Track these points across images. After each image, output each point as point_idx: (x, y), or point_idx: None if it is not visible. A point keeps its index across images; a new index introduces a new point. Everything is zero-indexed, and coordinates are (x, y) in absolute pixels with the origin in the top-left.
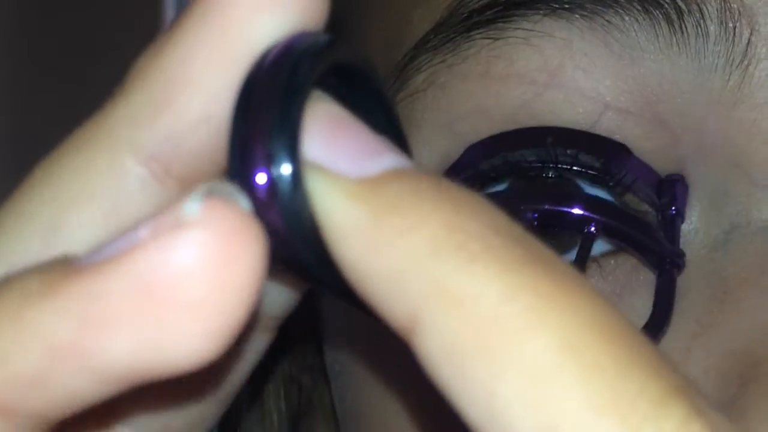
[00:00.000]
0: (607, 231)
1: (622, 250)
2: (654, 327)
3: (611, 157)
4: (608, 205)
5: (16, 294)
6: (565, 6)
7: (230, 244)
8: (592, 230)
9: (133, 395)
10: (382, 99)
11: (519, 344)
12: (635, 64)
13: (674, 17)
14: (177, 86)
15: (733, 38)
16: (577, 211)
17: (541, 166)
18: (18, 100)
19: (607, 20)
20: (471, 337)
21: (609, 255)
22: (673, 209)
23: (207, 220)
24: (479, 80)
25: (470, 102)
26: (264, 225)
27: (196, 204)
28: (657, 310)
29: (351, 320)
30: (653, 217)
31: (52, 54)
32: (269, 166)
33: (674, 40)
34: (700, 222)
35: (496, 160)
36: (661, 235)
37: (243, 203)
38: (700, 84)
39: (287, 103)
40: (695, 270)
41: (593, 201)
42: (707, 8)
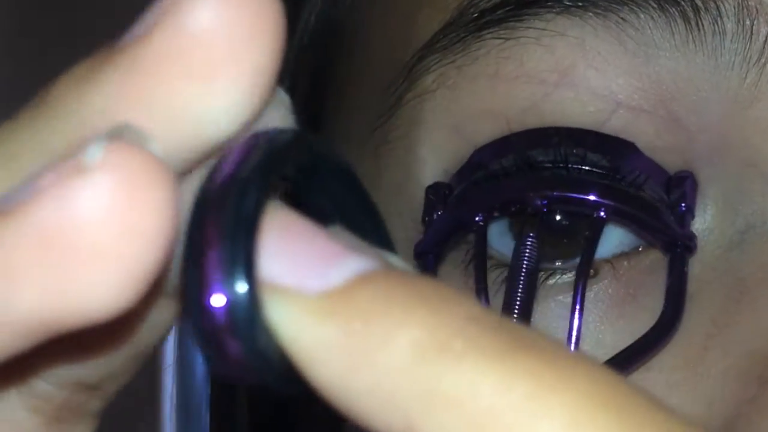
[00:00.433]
0: (617, 215)
1: (635, 252)
2: (668, 313)
3: (618, 155)
4: (618, 190)
5: None
6: (578, 4)
7: (135, 189)
8: (602, 215)
9: (46, 348)
10: (355, 188)
11: None
12: (650, 62)
13: (691, 14)
14: None
15: (751, 36)
16: (587, 197)
17: (552, 166)
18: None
19: (622, 18)
20: None
21: (622, 256)
22: (683, 206)
23: (110, 164)
24: (488, 81)
25: (479, 103)
26: (222, 352)
27: (99, 148)
28: (670, 296)
29: None
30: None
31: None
32: (226, 291)
33: (690, 38)
34: (715, 221)
35: (506, 161)
36: (672, 220)
37: (153, 147)
38: (717, 82)
39: (238, 231)
40: (710, 270)
41: (603, 186)
42: (724, 6)
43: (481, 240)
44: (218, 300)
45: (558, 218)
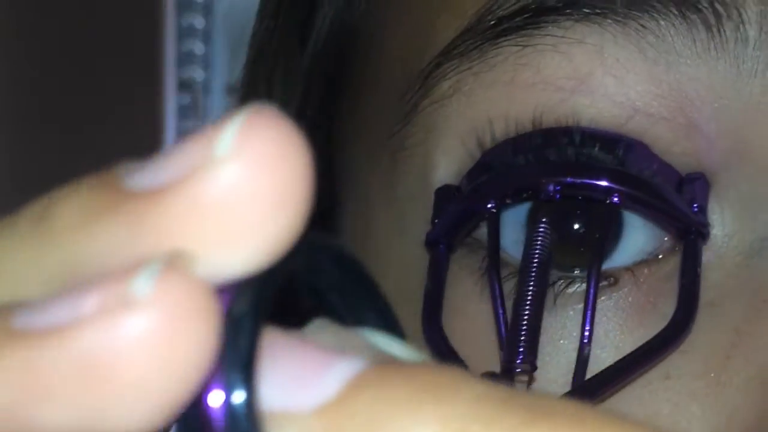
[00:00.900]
0: (630, 200)
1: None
2: (684, 300)
3: (629, 154)
4: (630, 176)
5: None
6: (597, 11)
7: (181, 325)
8: (615, 200)
9: None
10: (354, 269)
11: None
12: (670, 70)
13: (712, 21)
14: None
15: None
16: (600, 182)
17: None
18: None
19: (642, 25)
20: None
21: (642, 264)
22: (695, 206)
23: (160, 300)
24: (505, 88)
25: (494, 110)
26: None
27: (149, 280)
28: (683, 288)
29: None
30: None
31: (52, 54)
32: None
33: (712, 45)
34: (734, 228)
35: (517, 160)
36: (685, 205)
37: (197, 270)
38: (738, 89)
39: (233, 372)
40: (732, 278)
41: (617, 173)
42: (747, 12)
43: (494, 228)
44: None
45: (576, 227)
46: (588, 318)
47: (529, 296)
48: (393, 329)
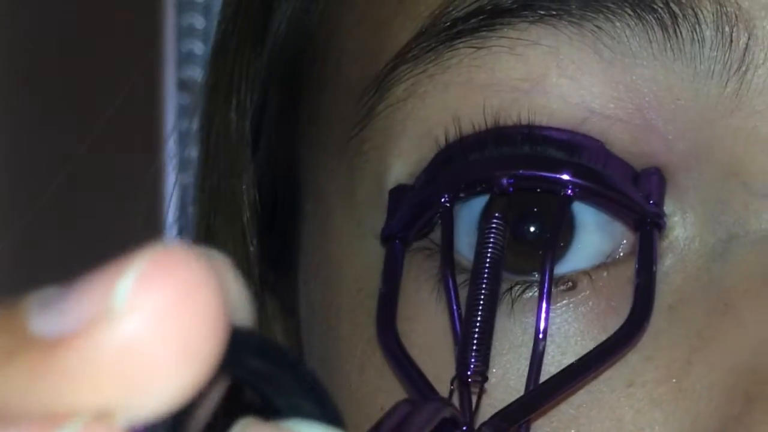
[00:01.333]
0: (585, 192)
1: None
2: (640, 295)
3: (583, 150)
4: (585, 168)
5: None
6: (552, 12)
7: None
8: (569, 192)
9: None
10: (291, 366)
11: None
12: (627, 71)
13: (668, 22)
14: None
15: (730, 44)
16: (553, 174)
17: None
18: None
19: (597, 26)
20: None
21: (601, 267)
22: (651, 203)
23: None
24: (459, 90)
25: (449, 112)
26: None
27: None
28: (640, 277)
29: None
30: None
31: (52, 54)
32: None
33: (668, 46)
34: (696, 230)
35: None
36: (641, 197)
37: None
38: (696, 90)
39: None
40: (693, 281)
41: (571, 165)
42: (702, 13)
43: (448, 222)
44: None
45: (532, 229)
46: (542, 309)
47: (481, 301)
48: (328, 413)
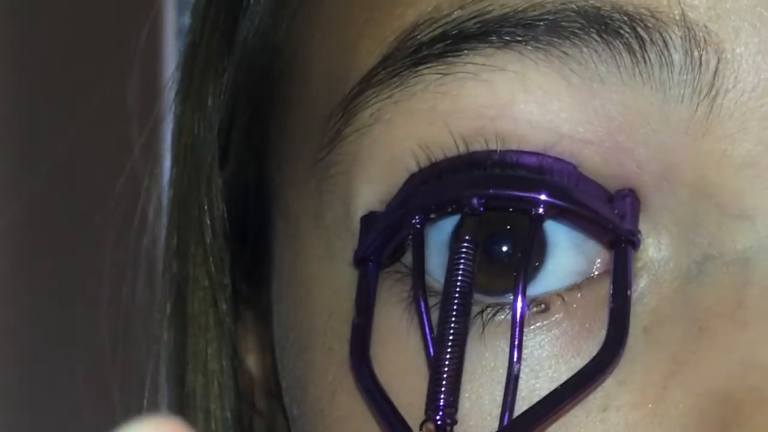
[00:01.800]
0: (557, 211)
1: (588, 281)
2: (615, 317)
3: (554, 173)
4: (557, 187)
5: None
6: (518, 38)
7: None
8: (540, 211)
9: None
10: None
11: None
12: (595, 96)
13: (636, 47)
14: None
15: (699, 67)
16: (524, 193)
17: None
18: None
19: (564, 52)
20: None
21: (574, 288)
22: (625, 222)
23: None
24: (425, 116)
25: (415, 138)
26: None
27: None
28: (615, 297)
29: None
30: None
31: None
32: None
33: (637, 71)
34: (670, 251)
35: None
36: (615, 214)
37: None
38: (666, 115)
39: None
40: (668, 303)
41: (542, 183)
42: (671, 37)
43: (419, 243)
44: None
45: (504, 248)
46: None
47: (450, 338)
48: None
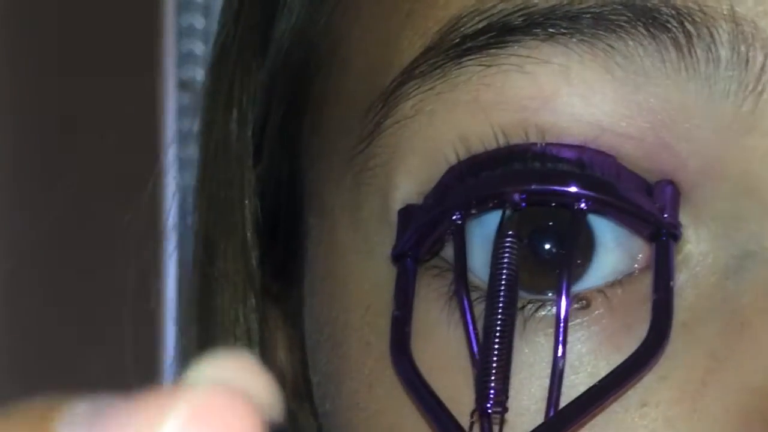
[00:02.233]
0: (599, 205)
1: (629, 278)
2: (658, 311)
3: (594, 165)
4: (598, 180)
5: None
6: (563, 31)
7: None
8: (583, 206)
9: None
10: None
11: None
12: (639, 90)
13: (683, 42)
14: None
15: (746, 64)
16: (566, 188)
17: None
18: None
19: (609, 45)
20: None
21: (615, 284)
22: (666, 216)
23: None
24: (467, 108)
25: (457, 130)
26: None
27: None
28: (657, 291)
29: None
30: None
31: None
32: None
33: (683, 66)
34: (709, 246)
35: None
36: (656, 207)
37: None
38: (710, 110)
39: None
40: (707, 299)
41: (584, 177)
42: (718, 32)
43: (460, 240)
44: None
45: (547, 246)
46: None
47: (498, 329)
48: None
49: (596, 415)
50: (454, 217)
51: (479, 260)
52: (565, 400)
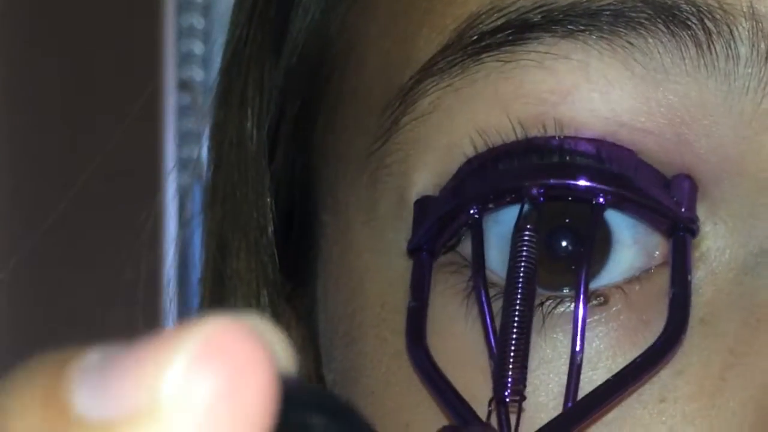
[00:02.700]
0: (616, 199)
1: (647, 274)
2: (675, 305)
3: (612, 158)
4: (615, 175)
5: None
6: (581, 28)
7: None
8: (601, 201)
9: None
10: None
11: None
12: (658, 87)
13: (702, 39)
14: None
15: (765, 60)
16: (584, 183)
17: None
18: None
19: (629, 42)
20: None
21: (633, 280)
22: (684, 210)
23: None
24: (485, 102)
25: (473, 124)
26: None
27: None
28: (675, 284)
29: None
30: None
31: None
32: None
33: (702, 63)
34: (726, 242)
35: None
36: (673, 202)
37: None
38: (730, 107)
39: None
40: (724, 295)
41: (599, 171)
42: (738, 29)
43: (478, 234)
44: None
45: (564, 243)
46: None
47: (516, 318)
48: None
49: (613, 410)
50: (472, 211)
51: (496, 257)
52: (581, 396)
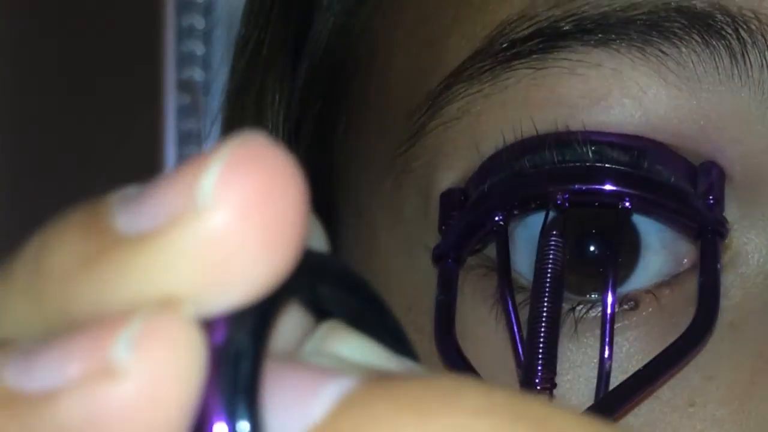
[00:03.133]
0: (642, 203)
1: (676, 278)
2: (704, 301)
3: (641, 151)
4: (641, 179)
5: None
6: (613, 37)
7: (161, 392)
8: (627, 205)
9: None
10: (361, 290)
11: None
12: (692, 95)
13: (737, 48)
14: None
15: None
16: (609, 187)
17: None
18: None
19: (662, 51)
20: None
21: (664, 285)
22: (711, 198)
23: (137, 368)
24: (515, 108)
25: (501, 127)
26: None
27: (128, 346)
28: (703, 283)
29: None
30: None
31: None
32: None
33: (736, 72)
34: (756, 247)
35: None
36: (701, 204)
37: (185, 311)
38: (763, 115)
39: (236, 402)
40: (753, 298)
41: (624, 175)
42: None
43: (503, 241)
44: None
45: (592, 248)
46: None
47: (544, 312)
48: (403, 347)
49: (643, 415)
50: (497, 218)
51: (525, 262)
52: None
